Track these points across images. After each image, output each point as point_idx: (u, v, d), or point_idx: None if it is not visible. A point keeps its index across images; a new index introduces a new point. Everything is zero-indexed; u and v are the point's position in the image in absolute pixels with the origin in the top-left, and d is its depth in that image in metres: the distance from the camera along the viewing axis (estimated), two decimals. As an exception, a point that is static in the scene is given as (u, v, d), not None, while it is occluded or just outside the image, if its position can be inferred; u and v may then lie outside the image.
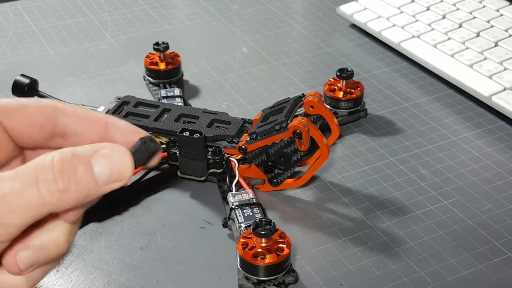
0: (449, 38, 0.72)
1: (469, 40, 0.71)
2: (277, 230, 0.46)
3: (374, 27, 0.76)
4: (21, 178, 0.31)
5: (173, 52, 0.69)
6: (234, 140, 0.54)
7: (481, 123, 0.63)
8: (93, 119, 0.36)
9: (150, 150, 0.34)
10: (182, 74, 0.69)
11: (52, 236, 0.33)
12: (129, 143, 0.34)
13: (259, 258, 0.46)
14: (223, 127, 0.56)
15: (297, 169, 0.55)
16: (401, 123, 0.63)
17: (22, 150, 0.37)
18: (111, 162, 0.32)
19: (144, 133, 0.35)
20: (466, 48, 0.70)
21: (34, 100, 0.36)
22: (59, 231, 0.33)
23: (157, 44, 0.67)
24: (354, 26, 0.80)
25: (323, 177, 0.57)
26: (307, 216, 0.53)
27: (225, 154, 0.55)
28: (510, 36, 0.71)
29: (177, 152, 0.55)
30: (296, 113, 0.55)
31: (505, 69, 0.67)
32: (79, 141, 0.36)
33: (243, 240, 0.47)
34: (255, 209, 0.51)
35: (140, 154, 0.34)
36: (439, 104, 0.66)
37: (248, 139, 0.54)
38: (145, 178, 0.56)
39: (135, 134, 0.35)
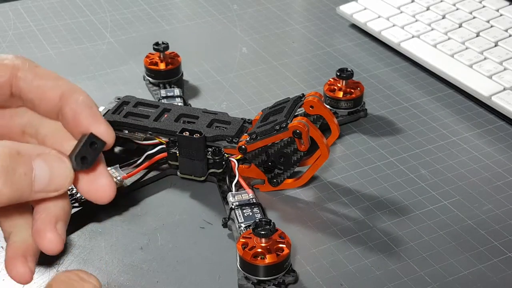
0: (449, 38, 0.72)
1: (469, 40, 0.71)
2: (277, 230, 0.46)
3: (374, 27, 0.76)
4: None
5: (173, 52, 0.69)
6: (234, 140, 0.54)
7: (481, 123, 0.63)
8: (49, 90, 0.34)
9: (94, 152, 0.32)
10: (182, 74, 0.69)
11: None
12: (76, 125, 0.33)
13: (259, 258, 0.46)
14: (223, 127, 0.56)
15: (297, 169, 0.55)
16: (401, 123, 0.63)
17: None
18: (52, 170, 0.31)
19: (90, 122, 0.33)
20: (466, 48, 0.70)
21: None
22: None
23: (157, 44, 0.67)
24: (354, 26, 0.80)
25: (323, 177, 0.57)
26: (307, 216, 0.53)
27: (225, 154, 0.55)
28: (510, 36, 0.71)
29: (177, 152, 0.55)
30: (296, 113, 0.55)
31: (505, 69, 0.67)
32: (35, 109, 0.34)
33: (243, 240, 0.47)
34: (255, 209, 0.51)
35: (83, 158, 0.32)
36: (439, 104, 0.66)
37: (248, 139, 0.54)
38: (145, 178, 0.56)
39: (84, 118, 0.33)
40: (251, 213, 0.51)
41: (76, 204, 0.52)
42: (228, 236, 0.51)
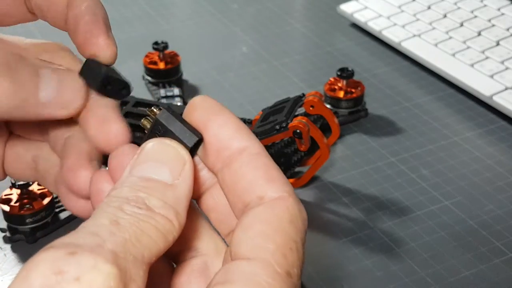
0: (450, 37, 0.72)
1: (470, 39, 0.71)
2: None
3: (374, 26, 0.76)
4: None
5: (172, 52, 0.68)
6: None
7: (483, 123, 0.63)
8: None
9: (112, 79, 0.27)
10: (182, 73, 0.69)
11: None
12: (88, 38, 0.28)
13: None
14: (223, 127, 0.55)
15: (297, 169, 0.55)
16: (402, 123, 0.63)
17: None
18: (61, 83, 0.27)
19: (89, 33, 0.28)
20: (467, 47, 0.70)
21: None
22: None
23: (156, 43, 0.67)
24: (355, 25, 0.80)
25: (324, 177, 0.56)
26: (308, 216, 0.52)
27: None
28: (511, 35, 0.71)
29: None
30: (296, 113, 0.54)
31: (506, 69, 0.66)
32: (47, 20, 0.30)
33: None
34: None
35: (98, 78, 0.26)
36: (440, 104, 0.66)
37: (248, 139, 0.53)
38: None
39: (82, 28, 0.28)
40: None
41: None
42: (227, 236, 0.51)
